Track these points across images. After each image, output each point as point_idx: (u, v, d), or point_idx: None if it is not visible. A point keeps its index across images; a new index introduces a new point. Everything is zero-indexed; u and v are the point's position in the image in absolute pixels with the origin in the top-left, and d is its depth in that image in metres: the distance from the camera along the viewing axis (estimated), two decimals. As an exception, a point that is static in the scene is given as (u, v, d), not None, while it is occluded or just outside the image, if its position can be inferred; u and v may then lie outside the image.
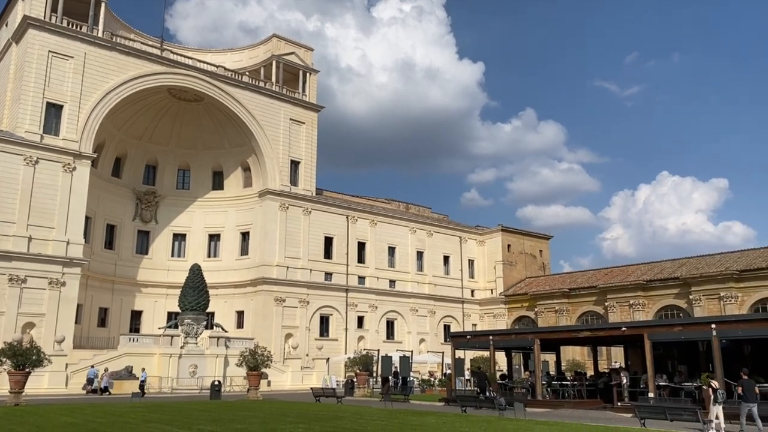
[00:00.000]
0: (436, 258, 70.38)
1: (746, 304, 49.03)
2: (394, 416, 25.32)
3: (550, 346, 41.45)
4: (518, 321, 68.32)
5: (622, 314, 56.10)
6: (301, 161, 62.12)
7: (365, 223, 64.96)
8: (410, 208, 74.98)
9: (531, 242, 76.68)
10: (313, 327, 58.93)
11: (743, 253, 54.98)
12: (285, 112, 61.58)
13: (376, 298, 63.70)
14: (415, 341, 64.97)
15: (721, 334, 26.89)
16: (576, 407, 31.44)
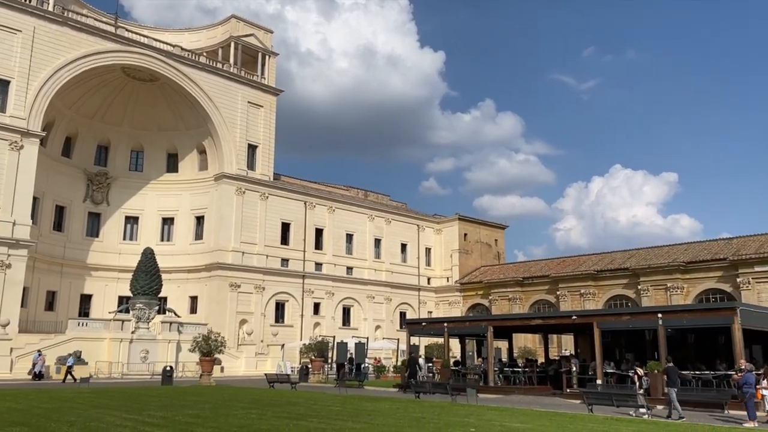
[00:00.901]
0: (394, 246, 70.65)
1: (691, 295, 50.77)
2: (348, 402, 25.42)
3: (503, 333, 42.17)
4: (473, 308, 69.25)
5: (573, 303, 57.42)
6: (259, 145, 61.32)
7: (323, 210, 64.67)
8: (369, 195, 74.96)
9: (487, 231, 77.64)
10: (268, 313, 58.53)
11: (690, 246, 56.84)
12: (243, 95, 60.62)
13: (333, 285, 63.62)
14: (371, 328, 65.25)
15: (667, 323, 27.77)
16: (526, 393, 32.11)
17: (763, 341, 30.32)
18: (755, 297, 45.55)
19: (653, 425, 18.39)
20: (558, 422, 18.80)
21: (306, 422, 17.49)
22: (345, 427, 16.57)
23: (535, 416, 20.71)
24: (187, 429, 15.65)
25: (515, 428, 16.97)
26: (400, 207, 76.04)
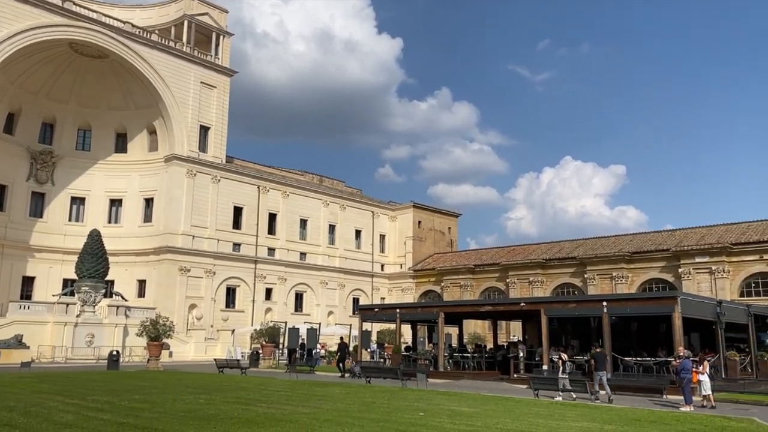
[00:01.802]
0: (348, 232, 70.58)
1: (635, 284, 52.41)
2: (298, 387, 25.39)
3: (453, 319, 42.77)
4: (425, 295, 69.91)
5: (522, 290, 58.57)
6: (212, 127, 60.17)
7: (277, 194, 64.03)
8: (324, 181, 74.60)
9: (441, 219, 78.32)
10: (219, 298, 57.78)
11: (635, 237, 58.60)
12: (196, 75, 59.28)
13: (286, 271, 63.20)
14: (324, 314, 65.19)
15: (612, 311, 28.63)
16: (475, 378, 32.71)
17: (701, 329, 31.61)
18: (695, 287, 47.34)
19: (596, 410, 18.97)
20: (505, 406, 19.20)
21: (255, 407, 17.40)
22: (294, 411, 16.54)
23: (482, 401, 21.10)
24: (133, 414, 15.36)
25: (463, 412, 17.25)
26: (355, 193, 75.94)
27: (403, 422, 14.80)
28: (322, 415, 15.76)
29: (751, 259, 46.88)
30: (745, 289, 47.05)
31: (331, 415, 15.98)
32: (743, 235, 48.88)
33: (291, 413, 16.14)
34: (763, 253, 46.24)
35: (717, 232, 51.55)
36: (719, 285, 46.97)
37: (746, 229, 49.98)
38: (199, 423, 13.93)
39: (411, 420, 15.25)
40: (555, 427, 14.57)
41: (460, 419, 15.61)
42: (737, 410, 19.76)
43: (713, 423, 15.90)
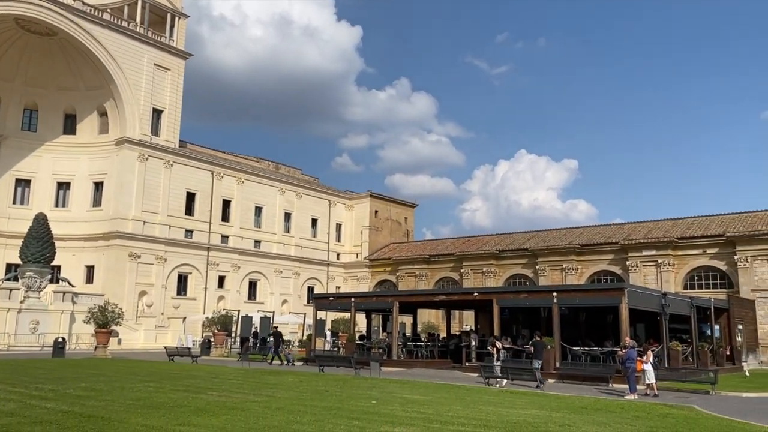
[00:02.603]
0: (304, 220, 70.13)
1: (584, 276, 53.70)
2: (250, 375, 25.19)
3: (408, 308, 43.07)
4: (380, 284, 70.14)
5: (476, 281, 59.34)
6: (165, 110, 58.79)
7: (232, 181, 63.09)
8: (280, 168, 73.84)
9: (397, 209, 78.57)
10: (170, 285, 56.71)
11: (585, 230, 59.97)
12: (149, 57, 57.75)
13: (240, 258, 62.46)
14: (278, 302, 64.73)
15: (561, 301, 29.29)
16: (428, 366, 33.04)
17: (647, 320, 32.64)
18: (642, 279, 48.80)
19: (544, 398, 19.39)
20: (456, 394, 19.46)
21: (205, 395, 17.19)
22: (246, 400, 16.41)
23: (434, 389, 21.33)
24: (79, 402, 14.98)
25: (415, 400, 17.41)
26: (312, 181, 75.47)
27: (355, 410, 14.84)
28: (274, 403, 15.68)
29: (695, 253, 48.57)
30: (689, 282, 48.75)
31: (283, 403, 15.91)
32: (688, 230, 50.57)
33: (242, 401, 16.01)
34: (707, 248, 47.95)
35: (663, 226, 53.18)
36: (664, 278, 48.51)
37: (691, 224, 51.72)
38: (147, 411, 13.68)
39: (363, 408, 15.30)
40: (504, 414, 14.84)
41: (412, 407, 15.74)
42: (678, 398, 20.50)
43: (655, 410, 16.45)
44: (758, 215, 49.28)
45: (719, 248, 47.21)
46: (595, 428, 12.87)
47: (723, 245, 46.89)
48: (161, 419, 12.65)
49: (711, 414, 15.96)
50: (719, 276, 47.49)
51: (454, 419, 13.73)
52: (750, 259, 45.09)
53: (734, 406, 18.31)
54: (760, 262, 44.88)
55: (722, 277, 47.28)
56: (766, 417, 15.98)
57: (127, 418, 12.59)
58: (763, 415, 16.50)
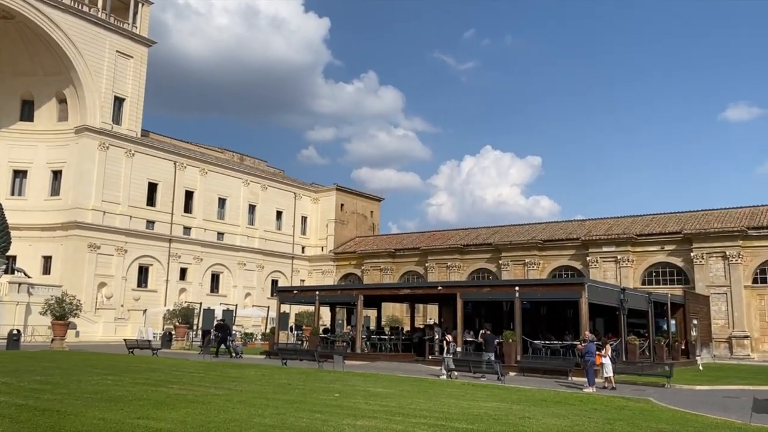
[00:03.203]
0: (269, 213, 69.55)
1: (546, 270, 54.54)
2: (212, 368, 24.93)
3: (372, 302, 43.17)
4: (345, 278, 70.07)
5: (440, 275, 59.75)
6: (127, 98, 57.55)
7: (195, 171, 62.13)
8: (245, 159, 73.04)
9: (363, 203, 78.52)
10: (130, 277, 55.67)
11: (547, 225, 60.90)
12: (111, 43, 56.42)
13: (202, 250, 61.63)
14: (241, 295, 64.14)
15: (523, 296, 29.71)
16: (391, 360, 33.18)
17: (606, 315, 33.31)
18: (601, 274, 49.78)
19: (505, 391, 19.64)
20: (419, 387, 19.58)
21: (166, 388, 16.94)
22: (207, 393, 16.23)
23: (397, 381, 21.43)
24: (33, 395, 14.61)
25: (378, 393, 17.45)
26: (277, 173, 74.83)
27: (318, 403, 14.81)
28: (236, 397, 15.54)
29: (653, 250, 49.75)
30: (647, 277, 49.92)
31: (245, 396, 15.78)
32: (647, 227, 51.75)
33: (203, 394, 15.83)
34: (664, 245, 49.15)
35: (623, 223, 54.32)
36: (623, 273, 49.59)
37: (650, 222, 52.94)
38: (105, 404, 13.42)
39: (326, 401, 15.28)
40: (466, 407, 14.98)
41: (375, 400, 15.78)
42: (635, 391, 20.99)
43: (613, 403, 16.81)
44: (714, 213, 50.72)
45: (676, 245, 48.45)
46: (554, 420, 13.09)
47: (680, 242, 48.13)
48: (119, 413, 12.42)
49: (666, 406, 16.38)
50: (676, 272, 48.75)
51: (417, 412, 13.81)
52: (705, 256, 46.38)
53: (688, 399, 18.83)
54: (714, 259, 46.21)
55: (679, 274, 48.55)
56: (717, 409, 16.49)
57: (84, 412, 12.33)
58: (715, 407, 17.03)
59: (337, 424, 11.80)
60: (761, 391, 20.32)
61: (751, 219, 47.22)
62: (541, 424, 12.56)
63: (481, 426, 12.03)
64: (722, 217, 49.40)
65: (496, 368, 23.32)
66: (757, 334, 44.50)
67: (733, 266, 45.25)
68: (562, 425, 12.44)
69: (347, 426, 11.60)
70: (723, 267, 45.82)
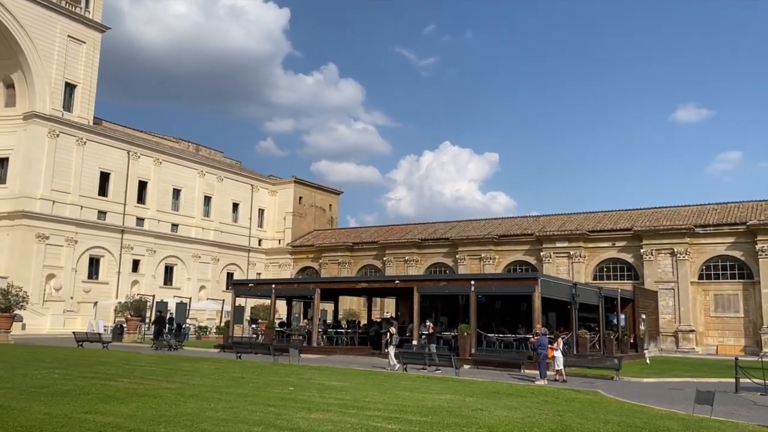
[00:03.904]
0: (225, 204, 68.58)
1: (501, 265, 55.32)
2: (164, 362, 24.52)
3: (330, 295, 43.08)
4: (303, 271, 69.69)
5: (398, 269, 59.99)
6: (79, 85, 55.86)
7: (149, 161, 60.79)
8: (201, 150, 71.81)
9: (322, 196, 78.16)
10: (80, 268, 54.20)
11: (503, 221, 61.74)
12: (62, 28, 54.64)
13: (156, 242, 60.41)
14: (195, 288, 63.16)
15: (479, 290, 30.10)
16: (347, 353, 33.19)
17: (558, 309, 34.01)
18: (554, 269, 50.77)
19: (459, 383, 19.87)
20: (374, 380, 19.65)
21: (115, 382, 16.58)
22: (159, 387, 15.95)
23: (353, 375, 21.46)
24: (-26, 391, 14.10)
25: (333, 386, 17.44)
26: (234, 165, 73.81)
27: (272, 397, 14.72)
28: (188, 391, 15.32)
29: (605, 246, 50.97)
30: (598, 273, 51.13)
31: (198, 390, 15.57)
32: (599, 223, 52.97)
33: (155, 388, 15.55)
34: (615, 241, 50.40)
35: (576, 219, 55.49)
36: (576, 268, 50.67)
37: (602, 218, 54.19)
38: (51, 399, 13.05)
39: (280, 394, 15.20)
40: (421, 399, 15.11)
41: (330, 393, 15.77)
42: (585, 383, 21.51)
43: (563, 395, 17.20)
44: (663, 211, 52.25)
45: (627, 242, 49.75)
46: (506, 412, 13.31)
47: (630, 239, 49.43)
48: (66, 407, 12.11)
49: (614, 398, 16.84)
50: (626, 268, 50.06)
51: (371, 405, 13.86)
52: (654, 252, 47.76)
53: (635, 391, 19.39)
54: (663, 255, 47.62)
55: (629, 269, 49.88)
56: (663, 400, 17.05)
57: (29, 407, 11.97)
58: (661, 399, 17.59)
59: (291, 417, 11.75)
60: (704, 383, 21.06)
61: (699, 217, 48.80)
62: (493, 416, 12.75)
63: (435, 418, 12.15)
64: (671, 215, 50.93)
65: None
66: (702, 329, 46.10)
67: (680, 263, 46.72)
68: (514, 417, 12.65)
69: (301, 419, 11.56)
70: (671, 263, 47.26)
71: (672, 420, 12.97)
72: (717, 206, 50.46)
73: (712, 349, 44.71)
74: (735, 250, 45.55)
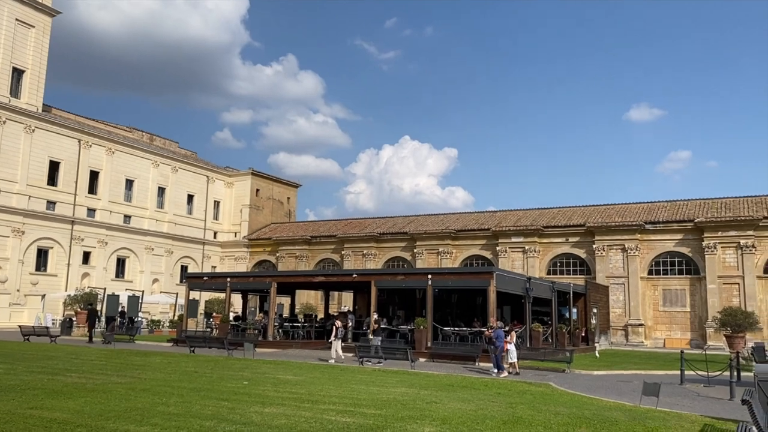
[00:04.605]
0: (180, 196, 67.30)
1: (458, 259, 55.86)
2: (115, 356, 23.98)
3: (286, 289, 42.80)
4: (259, 265, 69.01)
5: (356, 262, 59.96)
6: (27, 70, 53.94)
7: (101, 151, 59.15)
8: (155, 140, 70.25)
9: (280, 189, 77.46)
10: (28, 260, 52.44)
11: (461, 216, 62.33)
12: (10, 10, 52.62)
13: (108, 234, 58.89)
14: (149, 281, 61.87)
15: (435, 284, 30.32)
16: (304, 347, 33.06)
17: (512, 303, 34.55)
18: (510, 264, 51.53)
19: (414, 376, 20.01)
20: (330, 374, 19.61)
21: (63, 377, 16.14)
22: (108, 381, 15.59)
23: (308, 369, 21.38)
24: None
25: (288, 380, 17.35)
26: (189, 155, 72.44)
27: (225, 391, 14.55)
28: (139, 385, 15.02)
29: (558, 241, 51.97)
30: (552, 267, 52.12)
31: (149, 384, 15.28)
32: (553, 219, 53.97)
33: (104, 383, 15.20)
34: (569, 236, 51.44)
35: (531, 215, 56.40)
36: (530, 263, 51.54)
37: (556, 214, 55.22)
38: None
39: (234, 389, 15.03)
40: (376, 392, 15.15)
41: (285, 387, 15.68)
42: (537, 376, 21.92)
43: (516, 387, 17.50)
44: (615, 208, 53.54)
45: (580, 237, 50.84)
46: (460, 405, 13.46)
47: (583, 235, 50.53)
48: (11, 403, 11.72)
49: (565, 390, 17.21)
50: (579, 263, 51.17)
51: (326, 398, 13.83)
52: (606, 248, 48.94)
53: (585, 383, 19.86)
54: (614, 251, 48.85)
55: (581, 264, 50.99)
56: (611, 392, 17.50)
57: (-31, 403, 11.54)
58: (610, 390, 18.05)
59: (244, 411, 11.64)
60: (651, 376, 21.72)
61: (649, 214, 50.19)
62: (447, 408, 12.87)
63: (389, 411, 12.20)
64: (623, 211, 52.23)
65: (409, 355, 23.67)
66: (651, 323, 47.51)
67: (631, 258, 47.99)
68: (467, 409, 12.81)
69: (254, 413, 11.46)
70: (622, 259, 48.52)
71: (620, 411, 13.32)
72: (667, 204, 52.03)
73: (659, 343, 46.13)
74: (683, 246, 47.04)
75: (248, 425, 10.35)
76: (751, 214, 44.94)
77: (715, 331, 42.41)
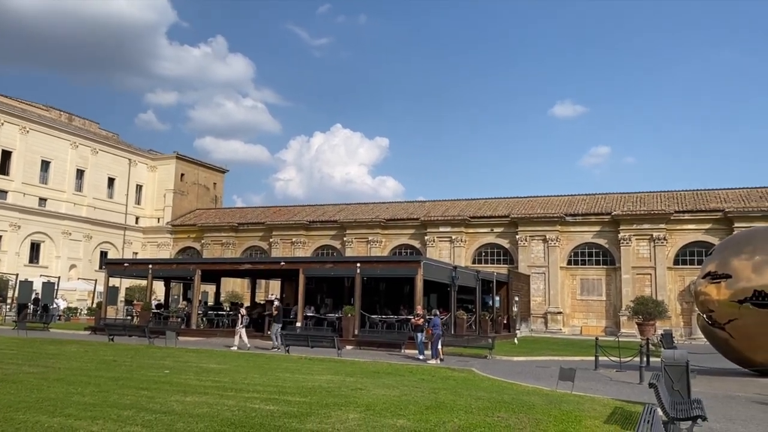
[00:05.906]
0: (100, 179, 64.55)
1: (388, 248, 56.32)
2: (27, 345, 22.91)
3: (211, 277, 41.97)
4: (183, 251, 67.26)
5: (285, 250, 59.41)
6: (-69, 41, 50.30)
7: (14, 130, 55.92)
8: (74, 119, 66.99)
9: (206, 174, 75.58)
10: (-70, 244, 49.20)
11: (391, 205, 62.84)
12: None
13: (21, 217, 55.87)
14: (65, 267, 59.21)
15: (364, 272, 30.53)
16: (229, 336, 32.47)
17: (439, 291, 35.18)
18: (437, 253, 52.40)
19: (340, 364, 20.09)
20: (255, 362, 19.43)
21: (-31, 368, 15.28)
22: (19, 371, 14.88)
23: (233, 357, 21.11)
24: None
25: (211, 369, 17.07)
26: (110, 137, 69.51)
27: (145, 380, 14.17)
28: (53, 374, 14.42)
29: (484, 231, 53.26)
30: (477, 257, 53.37)
31: (64, 374, 14.69)
32: (479, 210, 55.23)
33: (15, 373, 14.50)
34: (494, 227, 52.80)
35: (459, 206, 57.52)
36: (457, 252, 52.60)
37: (482, 205, 56.54)
38: None
39: (154, 378, 14.67)
40: (301, 380, 15.13)
41: (207, 376, 15.43)
42: (461, 362, 22.45)
43: (440, 373, 17.87)
44: (538, 200, 55.34)
45: (504, 228, 52.27)
46: (385, 391, 13.63)
47: (507, 225, 51.98)
48: None
49: (486, 376, 17.72)
50: (503, 252, 52.64)
51: (250, 387, 13.71)
52: (528, 238, 50.54)
53: (506, 369, 20.51)
54: (536, 242, 50.53)
55: (505, 254, 52.48)
56: (530, 377, 18.16)
57: None
58: (528, 376, 18.73)
59: (165, 400, 11.38)
60: (567, 361, 22.65)
61: (569, 206, 52.14)
62: (371, 394, 13.01)
63: (314, 398, 12.22)
64: (545, 203, 54.03)
65: (336, 343, 23.71)
66: (569, 311, 49.50)
67: (551, 249, 49.76)
68: (392, 395, 12.99)
69: (175, 402, 11.22)
70: (543, 249, 50.25)
71: (537, 395, 13.84)
72: (586, 197, 54.22)
73: (577, 330, 48.17)
74: (600, 238, 49.18)
75: (168, 414, 10.12)
76: (664, 209, 47.49)
77: (628, 319, 44.70)
